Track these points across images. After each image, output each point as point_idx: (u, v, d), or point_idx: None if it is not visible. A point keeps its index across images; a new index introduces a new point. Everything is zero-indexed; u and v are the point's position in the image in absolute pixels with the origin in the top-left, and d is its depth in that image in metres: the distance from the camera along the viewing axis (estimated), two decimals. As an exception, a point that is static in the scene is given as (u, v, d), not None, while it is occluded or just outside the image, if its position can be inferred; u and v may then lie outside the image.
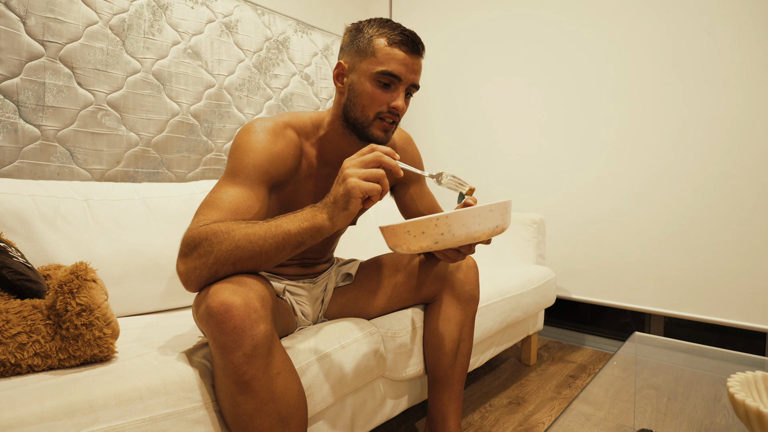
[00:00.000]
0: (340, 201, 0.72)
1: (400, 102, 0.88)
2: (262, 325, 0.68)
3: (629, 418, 0.86)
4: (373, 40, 0.87)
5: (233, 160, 0.86)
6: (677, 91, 1.67)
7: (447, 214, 0.68)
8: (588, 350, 1.96)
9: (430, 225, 0.69)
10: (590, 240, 1.89)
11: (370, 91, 0.88)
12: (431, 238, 0.69)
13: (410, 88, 0.91)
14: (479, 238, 0.71)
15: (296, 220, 0.74)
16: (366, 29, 0.89)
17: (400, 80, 0.87)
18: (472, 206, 0.71)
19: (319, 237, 0.75)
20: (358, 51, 0.89)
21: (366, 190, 0.70)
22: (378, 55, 0.86)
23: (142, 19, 1.44)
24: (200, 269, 0.71)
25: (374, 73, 0.86)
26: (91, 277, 0.73)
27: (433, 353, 1.06)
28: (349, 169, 0.71)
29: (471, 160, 2.23)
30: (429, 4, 2.34)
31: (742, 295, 1.57)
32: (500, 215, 0.72)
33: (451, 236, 0.69)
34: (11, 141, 1.21)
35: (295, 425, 0.73)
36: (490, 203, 0.72)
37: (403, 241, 0.72)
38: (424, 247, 0.71)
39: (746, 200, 1.56)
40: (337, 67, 0.92)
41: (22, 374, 0.69)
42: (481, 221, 0.70)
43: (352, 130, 0.92)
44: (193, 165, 1.60)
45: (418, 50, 0.89)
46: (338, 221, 0.73)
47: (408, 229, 0.70)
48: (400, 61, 0.86)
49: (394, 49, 0.86)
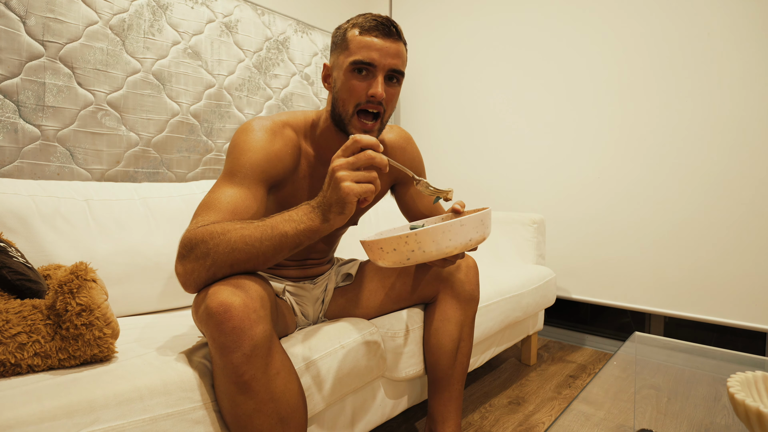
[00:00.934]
0: (335, 206, 0.71)
1: (378, 89, 0.83)
2: (261, 325, 0.68)
3: (629, 418, 0.86)
4: (347, 32, 0.86)
5: (231, 160, 0.85)
6: (677, 90, 1.67)
7: (417, 231, 0.68)
8: (588, 350, 1.96)
9: (400, 242, 0.68)
10: (590, 240, 1.89)
11: (347, 83, 0.86)
12: (403, 255, 0.69)
13: (393, 74, 0.87)
14: (452, 252, 0.70)
15: (292, 222, 0.73)
16: (343, 25, 0.89)
17: (374, 66, 0.84)
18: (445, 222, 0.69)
19: (317, 237, 0.75)
20: (336, 48, 0.89)
21: (360, 193, 0.69)
22: (351, 46, 0.85)
23: (142, 19, 1.44)
24: (198, 271, 0.71)
25: (349, 64, 0.85)
26: (91, 277, 0.73)
27: (433, 353, 1.06)
28: (340, 172, 0.69)
29: (471, 160, 2.23)
30: (429, 4, 2.34)
31: (742, 295, 1.57)
32: (474, 228, 0.70)
33: (422, 253, 0.68)
34: (11, 141, 1.21)
35: (295, 425, 0.73)
36: (462, 217, 0.71)
37: (378, 256, 0.72)
38: (397, 263, 0.70)
39: (747, 200, 1.55)
40: (324, 69, 0.93)
41: (22, 374, 0.69)
42: (452, 236, 0.68)
43: (339, 128, 0.91)
44: (193, 165, 1.60)
45: (392, 33, 0.85)
46: (335, 223, 0.73)
47: (381, 245, 0.70)
48: (373, 47, 0.83)
49: (365, 37, 0.84)
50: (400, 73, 0.88)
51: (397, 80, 0.88)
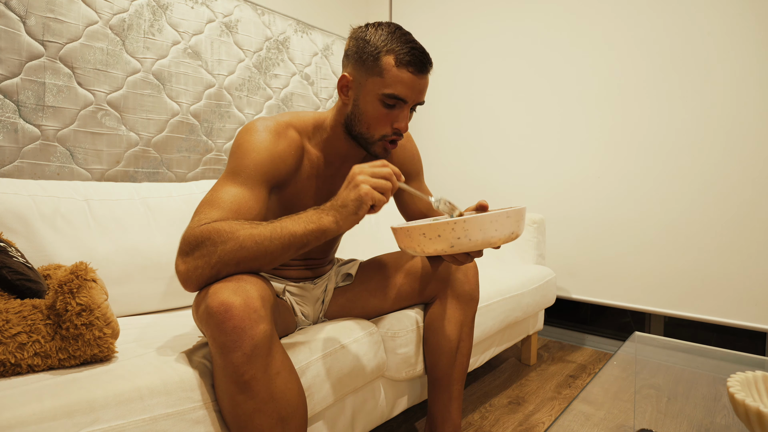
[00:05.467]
0: (350, 205, 0.73)
1: (404, 123, 0.88)
2: (262, 325, 0.68)
3: (629, 418, 0.86)
4: (381, 57, 0.85)
5: (234, 160, 0.85)
6: (676, 90, 1.67)
7: (465, 218, 0.68)
8: (588, 350, 1.96)
9: (447, 228, 0.68)
10: (590, 240, 1.89)
11: (375, 111, 0.87)
12: (447, 242, 0.69)
13: (415, 105, 0.91)
14: (494, 243, 0.71)
15: (301, 222, 0.75)
16: (373, 40, 0.86)
17: (406, 102, 0.87)
18: (487, 212, 0.70)
19: (324, 239, 0.76)
20: (364, 65, 0.87)
21: (377, 199, 0.73)
22: (385, 76, 0.85)
23: (142, 19, 1.44)
24: (202, 268, 0.71)
25: (381, 94, 0.86)
26: (91, 277, 0.73)
27: (433, 353, 1.06)
28: (360, 176, 0.74)
29: (472, 159, 2.23)
30: (429, 4, 2.34)
31: (742, 295, 1.57)
32: (516, 222, 0.71)
33: (467, 241, 0.68)
34: (11, 141, 1.21)
35: (295, 425, 0.73)
36: (506, 209, 0.72)
37: (417, 243, 0.71)
38: (438, 251, 0.70)
39: (747, 199, 1.55)
40: (341, 79, 0.90)
41: (22, 374, 0.69)
42: (498, 227, 0.69)
43: (355, 141, 0.94)
44: (193, 165, 1.60)
45: (426, 69, 0.87)
46: (345, 225, 0.74)
47: (423, 231, 0.70)
48: (408, 84, 0.85)
49: (402, 71, 0.84)
50: (422, 104, 0.91)
51: (415, 109, 0.93)
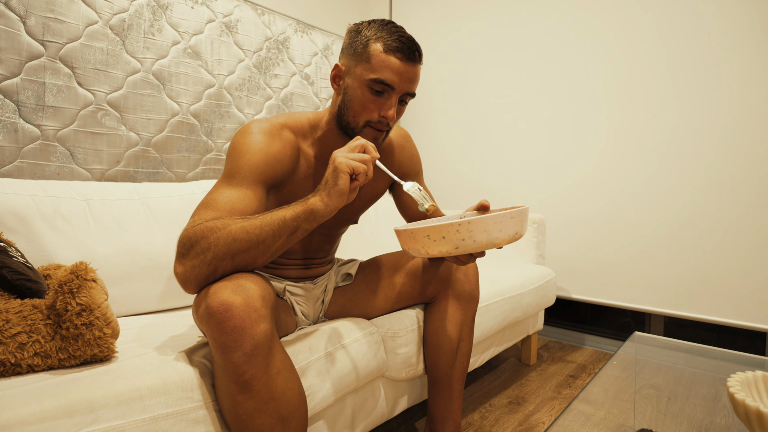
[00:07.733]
0: (330, 179, 0.75)
1: (391, 111, 0.87)
2: (262, 324, 0.68)
3: (629, 418, 0.86)
4: (370, 44, 0.86)
5: (230, 162, 0.86)
6: (677, 90, 1.67)
7: (469, 220, 0.68)
8: (588, 350, 1.96)
9: (451, 230, 0.68)
10: (590, 240, 1.89)
11: (362, 97, 0.87)
12: (451, 244, 0.69)
13: (405, 96, 0.89)
14: (498, 244, 0.70)
15: (290, 207, 0.77)
16: (364, 31, 0.87)
17: (393, 89, 0.86)
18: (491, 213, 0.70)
19: (314, 221, 0.76)
20: (354, 54, 0.88)
21: (353, 167, 0.74)
22: (372, 62, 0.85)
23: (142, 19, 1.44)
24: (199, 267, 0.72)
25: (367, 79, 0.85)
26: (91, 277, 0.73)
27: (433, 353, 1.06)
28: (336, 153, 0.77)
29: (472, 159, 2.23)
30: (429, 4, 2.34)
31: (742, 295, 1.57)
32: (520, 222, 0.71)
33: (472, 242, 0.68)
34: (11, 141, 1.21)
35: (295, 425, 0.73)
36: (509, 209, 0.72)
37: (422, 245, 0.71)
38: (443, 252, 0.70)
39: (747, 200, 1.55)
40: (334, 68, 0.92)
41: (22, 374, 0.69)
42: (502, 228, 0.69)
43: (344, 132, 0.93)
44: (193, 165, 1.60)
45: (415, 58, 0.87)
46: (330, 201, 0.75)
47: (428, 233, 0.69)
48: (395, 70, 0.85)
49: (389, 57, 0.84)
50: (412, 95, 0.90)
51: (406, 101, 0.91)
